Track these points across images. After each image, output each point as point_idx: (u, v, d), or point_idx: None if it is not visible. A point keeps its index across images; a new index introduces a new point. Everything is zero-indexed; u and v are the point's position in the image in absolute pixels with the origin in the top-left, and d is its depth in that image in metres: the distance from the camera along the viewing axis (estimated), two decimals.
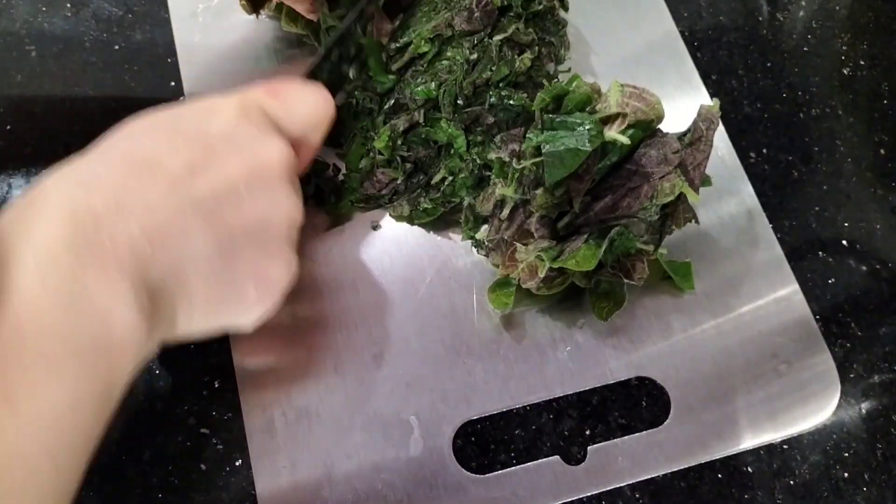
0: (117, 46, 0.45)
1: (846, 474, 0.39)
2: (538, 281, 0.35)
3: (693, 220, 0.37)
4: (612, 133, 0.33)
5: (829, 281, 0.43)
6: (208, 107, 0.31)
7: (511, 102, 0.39)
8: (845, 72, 0.49)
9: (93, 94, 0.43)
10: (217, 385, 0.37)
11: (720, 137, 0.45)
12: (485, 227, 0.40)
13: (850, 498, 0.38)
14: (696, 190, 0.35)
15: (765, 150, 0.46)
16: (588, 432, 0.38)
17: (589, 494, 0.37)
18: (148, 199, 0.27)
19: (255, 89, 0.33)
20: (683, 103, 0.45)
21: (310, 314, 0.39)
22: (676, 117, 0.37)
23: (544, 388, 0.38)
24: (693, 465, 0.38)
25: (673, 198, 0.34)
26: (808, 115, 0.47)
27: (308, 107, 0.34)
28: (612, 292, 0.39)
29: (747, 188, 0.44)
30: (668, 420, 0.38)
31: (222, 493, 0.36)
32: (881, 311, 0.43)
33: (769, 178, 0.45)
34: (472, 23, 0.38)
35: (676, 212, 0.36)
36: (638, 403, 0.39)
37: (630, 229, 0.35)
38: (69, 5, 0.46)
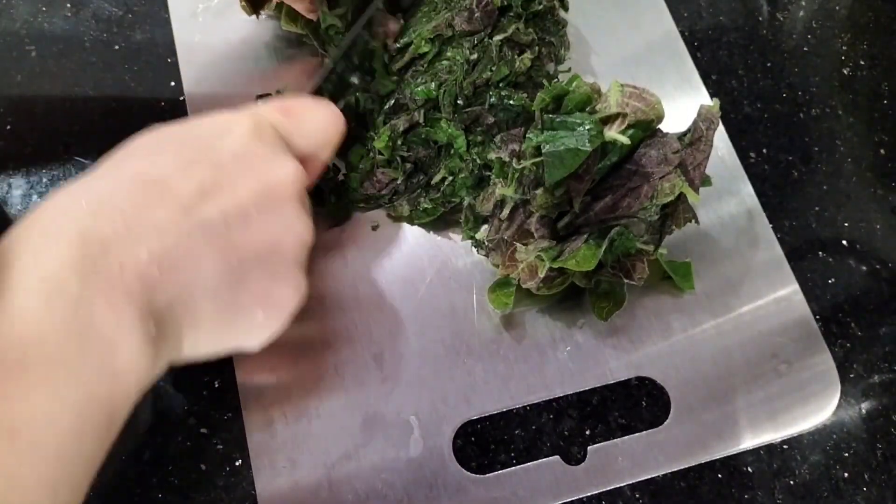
0: (117, 46, 0.45)
1: (846, 474, 0.39)
2: (538, 281, 0.35)
3: (693, 220, 0.37)
4: (612, 133, 0.33)
5: (829, 281, 0.43)
6: (220, 124, 0.31)
7: (511, 102, 0.39)
8: (845, 72, 0.49)
9: (93, 94, 0.43)
10: (217, 385, 0.37)
11: (720, 137, 0.45)
12: (485, 227, 0.40)
13: (850, 498, 0.38)
14: (696, 190, 0.35)
15: (765, 150, 0.46)
16: (588, 432, 0.38)
17: (589, 494, 0.37)
18: (157, 223, 0.27)
19: (267, 107, 0.33)
20: (683, 103, 0.45)
21: (310, 314, 0.39)
22: (676, 117, 0.37)
23: (544, 388, 0.38)
24: (693, 465, 0.38)
25: (673, 198, 0.34)
26: (808, 115, 0.47)
27: (319, 124, 0.34)
28: (612, 292, 0.39)
29: (747, 188, 0.44)
30: (668, 420, 0.38)
31: (222, 493, 0.36)
32: (881, 311, 0.43)
33: (769, 178, 0.45)
34: (472, 23, 0.38)
35: (676, 212, 0.36)
36: (638, 403, 0.39)
37: (630, 229, 0.35)
38: (69, 5, 0.46)
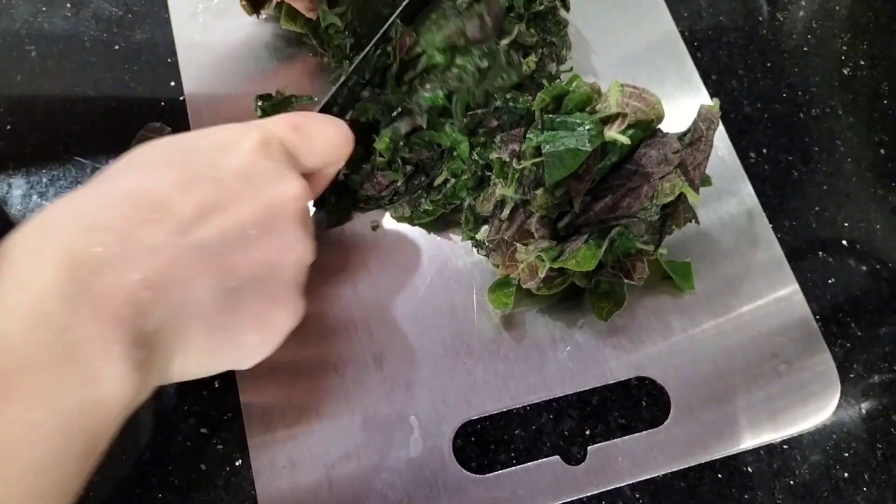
0: (117, 46, 0.45)
1: (846, 474, 0.39)
2: (538, 281, 0.35)
3: (693, 220, 0.37)
4: (612, 133, 0.33)
5: (829, 281, 0.43)
6: (227, 138, 0.30)
7: (516, 106, 0.39)
8: (845, 72, 0.49)
9: (93, 94, 0.43)
10: (217, 385, 0.37)
11: (720, 137, 0.45)
12: (485, 227, 0.40)
13: (850, 498, 0.38)
14: (696, 190, 0.35)
15: (765, 150, 0.46)
16: (588, 432, 0.38)
17: (589, 494, 0.37)
18: (152, 244, 0.25)
19: (278, 122, 0.32)
20: (683, 103, 0.45)
21: (310, 314, 0.39)
22: (676, 117, 0.37)
23: (544, 388, 0.38)
24: (693, 465, 0.38)
25: (673, 198, 0.34)
26: (808, 115, 0.47)
27: (329, 142, 0.34)
28: (612, 292, 0.39)
29: (747, 188, 0.44)
30: (668, 420, 0.38)
31: (222, 493, 0.36)
32: (881, 311, 0.43)
33: (769, 178, 0.45)
34: (483, 31, 0.38)
35: (676, 212, 0.36)
36: (638, 403, 0.39)
37: (630, 229, 0.35)
38: (69, 5, 0.46)
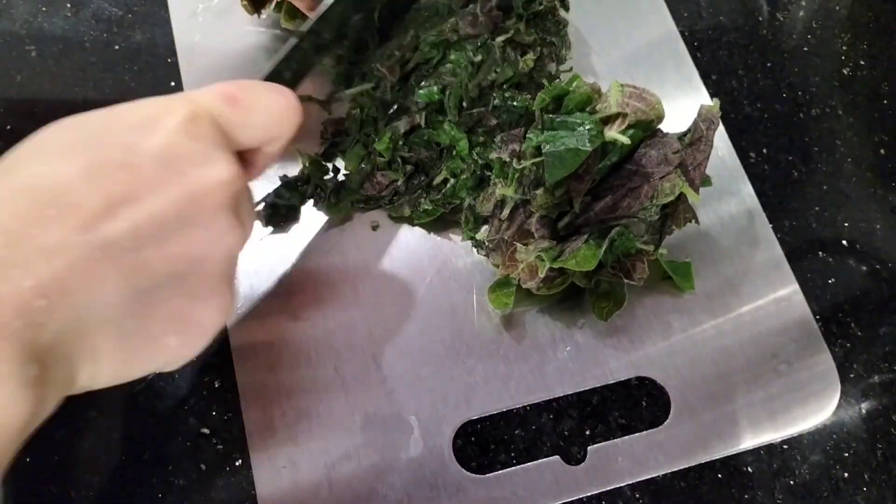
0: (117, 46, 0.45)
1: (846, 474, 0.39)
2: (538, 281, 0.35)
3: (693, 220, 0.37)
4: (613, 133, 0.33)
5: (829, 281, 0.43)
6: (147, 116, 0.26)
7: (515, 104, 0.39)
8: (845, 72, 0.49)
9: (93, 94, 0.43)
10: (217, 385, 0.37)
11: (720, 137, 0.45)
12: (485, 227, 0.40)
13: (850, 498, 0.38)
14: (696, 190, 0.35)
15: (765, 150, 0.46)
16: (588, 432, 0.38)
17: (589, 494, 0.37)
18: (49, 244, 0.22)
19: (209, 93, 0.28)
20: (683, 103, 0.45)
21: (310, 314, 0.39)
22: (676, 117, 0.37)
23: (544, 388, 0.38)
24: (693, 465, 0.38)
25: (673, 198, 0.34)
26: (808, 115, 0.47)
27: (271, 115, 0.29)
28: (612, 292, 0.39)
29: (747, 188, 0.44)
30: (668, 420, 0.38)
31: (222, 493, 0.36)
32: (881, 311, 0.43)
33: (769, 178, 0.45)
34: (476, 27, 0.38)
35: (676, 212, 0.36)
36: (638, 403, 0.39)
37: (630, 229, 0.35)
38: (69, 5, 0.46)
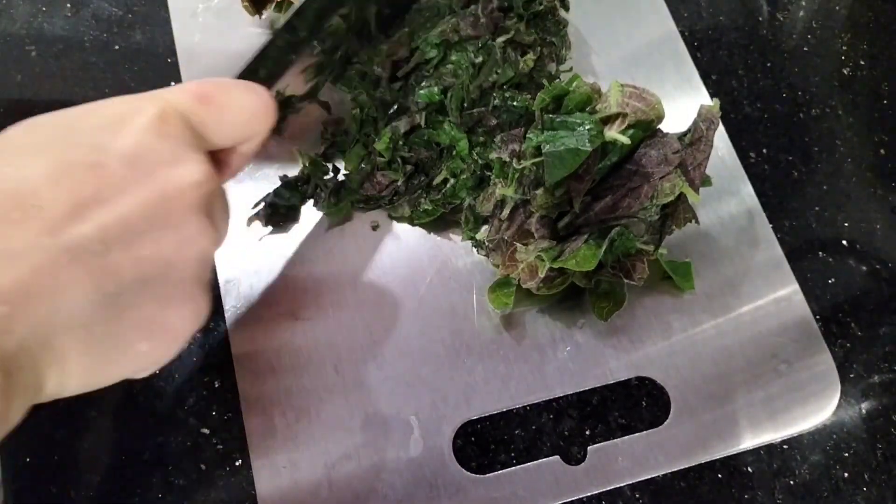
0: (117, 46, 0.45)
1: (846, 474, 0.39)
2: (538, 281, 0.35)
3: (693, 220, 0.37)
4: (613, 133, 0.33)
5: (829, 281, 0.43)
6: (116, 115, 0.25)
7: (515, 104, 0.39)
8: (845, 72, 0.49)
9: (93, 94, 0.43)
10: (217, 385, 0.37)
11: (720, 137, 0.45)
12: (485, 227, 0.40)
13: (850, 498, 0.38)
14: (696, 190, 0.35)
15: (765, 150, 0.46)
16: (588, 432, 0.38)
17: (589, 494, 0.37)
18: (13, 249, 0.22)
19: (180, 91, 0.27)
20: (683, 103, 0.45)
21: (310, 314, 0.39)
22: (676, 117, 0.37)
23: (544, 388, 0.38)
24: (693, 465, 0.38)
25: (673, 198, 0.34)
26: (808, 115, 0.47)
27: (245, 114, 0.29)
28: (612, 292, 0.39)
29: (747, 188, 0.44)
30: (668, 420, 0.38)
31: (222, 493, 0.36)
32: (881, 311, 0.43)
33: (769, 178, 0.45)
34: (477, 28, 0.39)
35: (676, 212, 0.36)
36: (638, 403, 0.39)
37: (630, 229, 0.35)
38: (69, 5, 0.46)
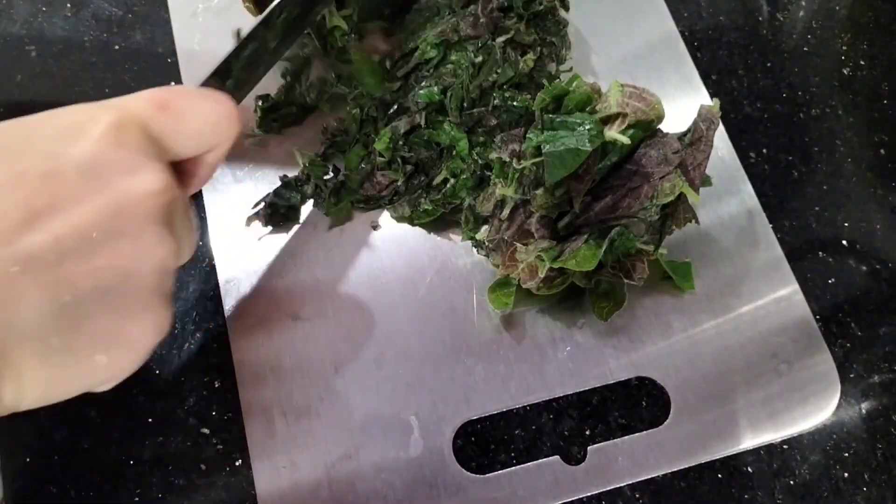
0: (117, 46, 0.45)
1: (846, 474, 0.39)
2: (538, 281, 0.35)
3: (693, 220, 0.37)
4: (613, 133, 0.33)
5: (829, 281, 0.43)
6: (71, 124, 0.25)
7: (515, 104, 0.39)
8: (845, 72, 0.49)
9: (93, 94, 0.43)
10: (217, 385, 0.37)
11: (720, 137, 0.45)
12: (485, 227, 0.40)
13: (850, 498, 0.38)
14: (696, 190, 0.35)
15: (765, 150, 0.46)
16: (588, 432, 0.38)
17: (589, 494, 0.37)
18: None
19: (139, 99, 0.27)
20: (683, 103, 0.45)
21: (310, 314, 0.39)
22: (676, 117, 0.37)
23: (544, 388, 0.38)
24: (693, 465, 0.38)
25: (673, 198, 0.34)
26: (808, 115, 0.47)
27: (206, 123, 0.28)
28: (612, 292, 0.39)
29: (747, 188, 0.44)
30: (668, 420, 0.38)
31: (222, 493, 0.36)
32: (881, 311, 0.43)
33: (769, 178, 0.45)
34: (477, 28, 0.39)
35: (676, 212, 0.36)
36: (638, 403, 0.39)
37: (630, 229, 0.35)
38: (69, 5, 0.46)
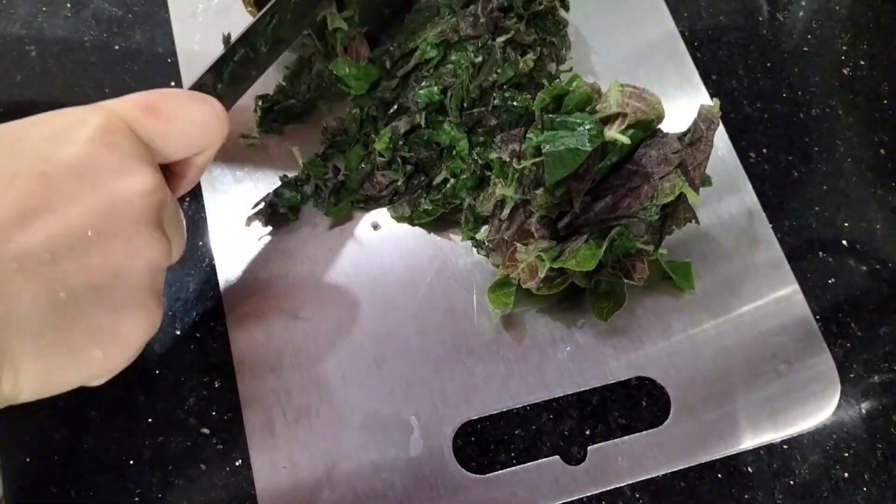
0: (117, 46, 0.45)
1: (846, 474, 0.39)
2: (538, 281, 0.35)
3: (693, 220, 0.37)
4: (613, 133, 0.33)
5: (829, 281, 0.43)
6: (61, 126, 0.26)
7: (515, 104, 0.39)
8: (845, 72, 0.49)
9: (93, 94, 0.43)
10: (217, 385, 0.37)
11: (720, 137, 0.45)
12: (485, 227, 0.40)
13: (850, 498, 0.38)
14: (696, 190, 0.35)
15: (765, 150, 0.46)
16: (588, 432, 0.38)
17: (589, 494, 0.37)
18: None
19: (127, 102, 0.28)
20: (683, 103, 0.45)
21: (310, 314, 0.39)
22: (676, 117, 0.37)
23: (544, 388, 0.38)
24: (693, 465, 0.38)
25: (673, 198, 0.34)
26: (808, 115, 0.47)
27: (194, 125, 0.30)
28: (612, 292, 0.39)
29: (747, 188, 0.44)
30: (668, 420, 0.38)
31: (222, 493, 0.36)
32: (881, 311, 0.43)
33: (769, 178, 0.45)
34: (477, 28, 0.39)
35: (676, 212, 0.36)
36: (638, 403, 0.39)
37: (630, 229, 0.35)
38: (69, 5, 0.46)
